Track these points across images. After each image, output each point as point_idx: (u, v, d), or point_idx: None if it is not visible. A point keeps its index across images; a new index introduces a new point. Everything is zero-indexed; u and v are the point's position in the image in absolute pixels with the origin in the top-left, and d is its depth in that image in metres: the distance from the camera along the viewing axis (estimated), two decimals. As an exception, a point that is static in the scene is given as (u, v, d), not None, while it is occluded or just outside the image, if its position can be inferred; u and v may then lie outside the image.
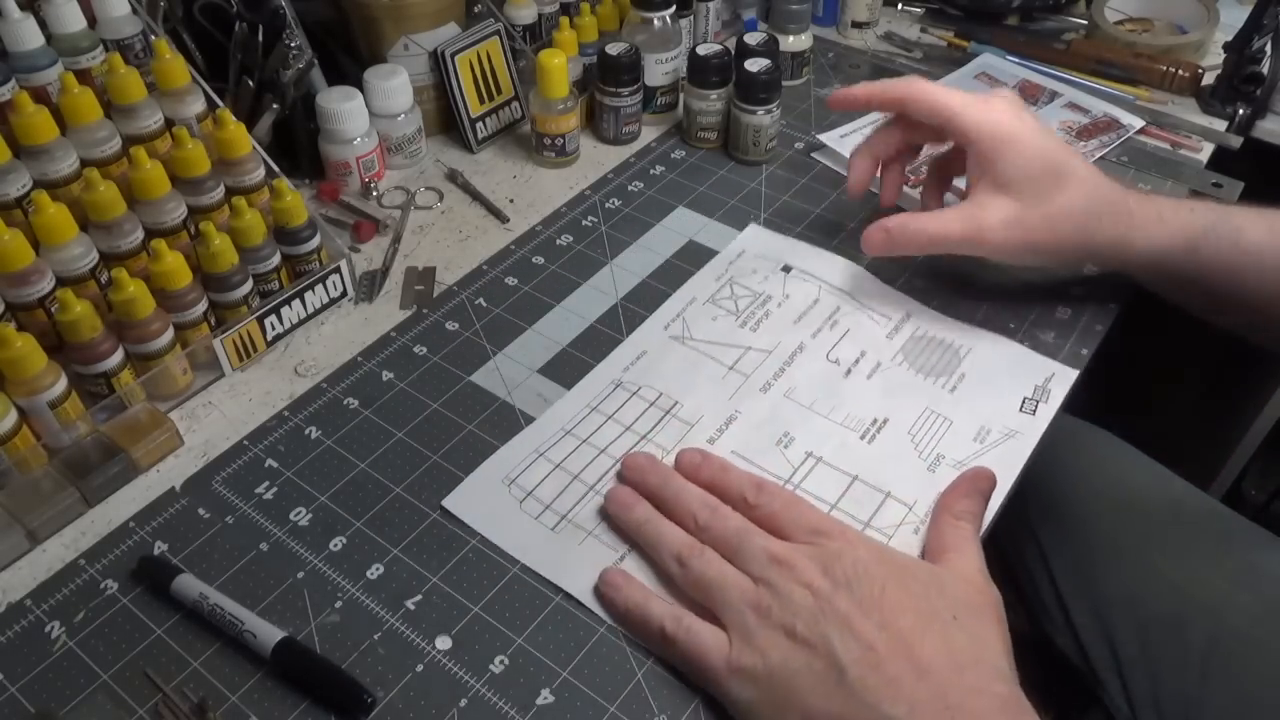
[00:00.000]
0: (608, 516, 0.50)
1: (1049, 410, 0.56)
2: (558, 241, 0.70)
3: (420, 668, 0.45)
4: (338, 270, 0.63)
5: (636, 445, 0.54)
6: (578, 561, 0.49)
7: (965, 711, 0.38)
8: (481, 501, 0.52)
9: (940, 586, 0.43)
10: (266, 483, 0.53)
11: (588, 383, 0.58)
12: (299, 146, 0.73)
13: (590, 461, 0.53)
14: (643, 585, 0.46)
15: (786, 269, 0.66)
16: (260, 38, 0.69)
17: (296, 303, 0.62)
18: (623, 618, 0.45)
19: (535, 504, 0.52)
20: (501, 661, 0.45)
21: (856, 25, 0.95)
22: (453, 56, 0.75)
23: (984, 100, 0.57)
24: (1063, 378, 0.58)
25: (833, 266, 0.66)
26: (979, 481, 0.49)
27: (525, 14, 0.82)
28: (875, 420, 0.55)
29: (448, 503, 0.52)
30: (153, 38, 0.65)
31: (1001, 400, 0.57)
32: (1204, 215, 0.56)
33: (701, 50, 0.75)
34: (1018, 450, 0.54)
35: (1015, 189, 0.55)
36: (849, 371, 0.58)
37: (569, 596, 0.48)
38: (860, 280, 0.65)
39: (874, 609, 0.40)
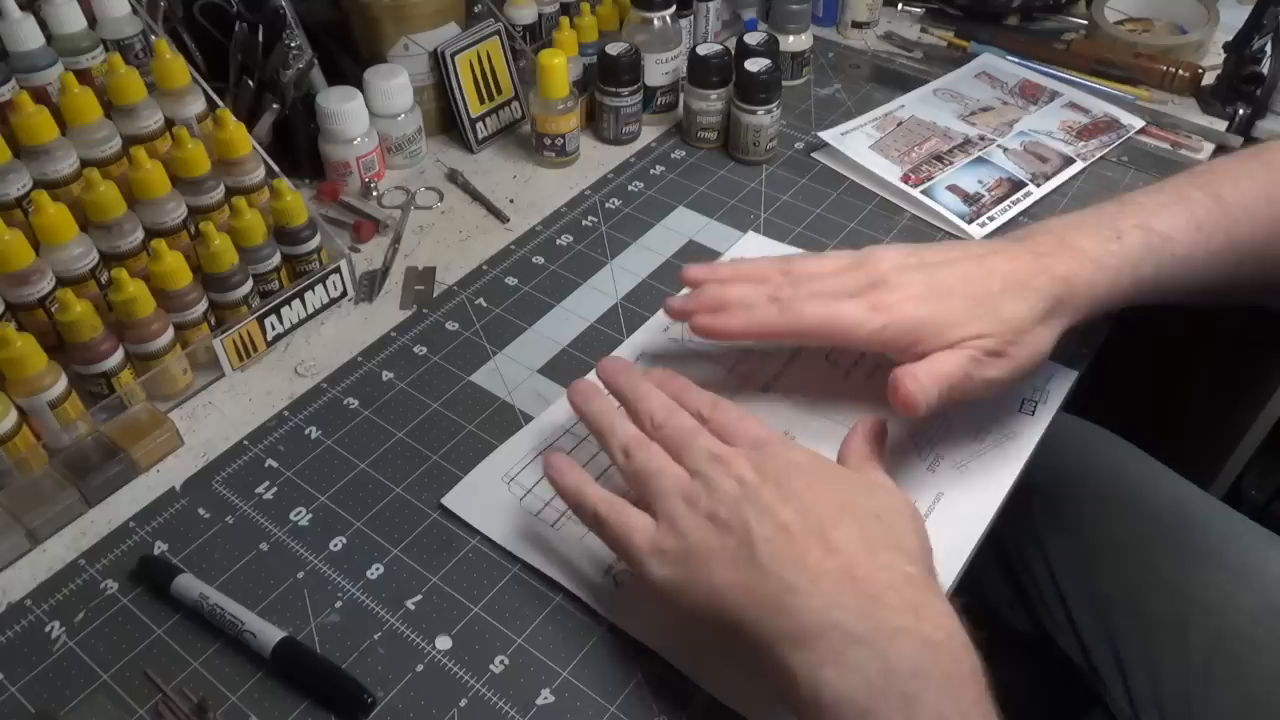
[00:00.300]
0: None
1: (1048, 411, 0.56)
2: (558, 241, 0.70)
3: (420, 668, 0.45)
4: (338, 270, 0.63)
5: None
6: (577, 558, 0.49)
7: (869, 583, 0.39)
8: (481, 499, 0.52)
9: (869, 490, 0.44)
10: (266, 483, 0.53)
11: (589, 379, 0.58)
12: (299, 146, 0.73)
13: (590, 459, 0.54)
14: (584, 472, 0.47)
15: (785, 271, 0.66)
16: (260, 38, 0.69)
17: (296, 303, 0.62)
18: (564, 495, 0.47)
19: (535, 501, 0.52)
20: (501, 661, 0.45)
21: (856, 25, 0.95)
22: (453, 56, 0.75)
23: (884, 300, 0.51)
24: (1061, 379, 0.58)
25: None
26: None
27: (525, 14, 0.82)
28: None
29: (447, 500, 0.52)
30: (153, 38, 0.65)
31: (1000, 401, 0.56)
32: (1133, 240, 0.52)
33: (701, 50, 0.75)
34: (1017, 450, 0.54)
35: (975, 331, 0.50)
36: (848, 372, 0.58)
37: (569, 596, 0.48)
38: None
39: (796, 499, 0.42)
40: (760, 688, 0.42)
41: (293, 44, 0.69)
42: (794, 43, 0.85)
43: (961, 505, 0.52)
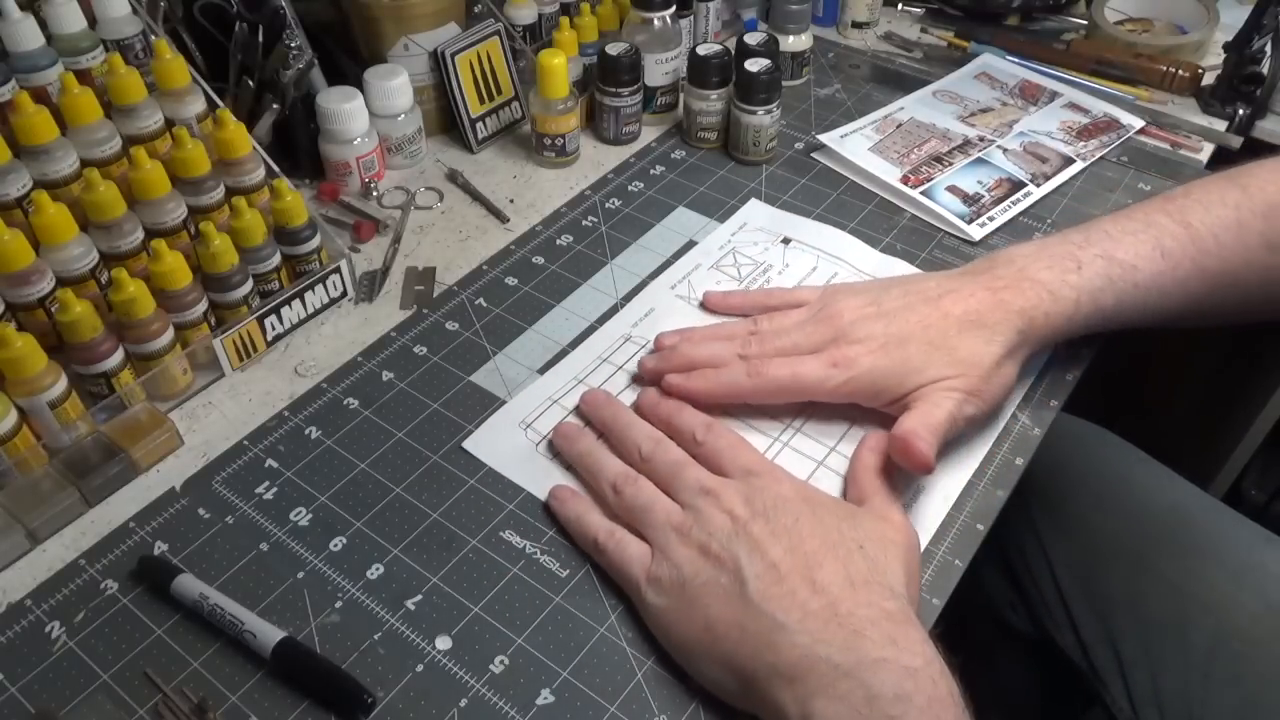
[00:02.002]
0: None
1: (1036, 366, 0.59)
2: (558, 241, 0.70)
3: (420, 668, 0.45)
4: (338, 270, 0.63)
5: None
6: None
7: (852, 618, 0.41)
8: (499, 443, 0.55)
9: (854, 521, 0.45)
10: (266, 483, 0.53)
11: (598, 338, 0.61)
12: (299, 146, 0.73)
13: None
14: (587, 500, 0.50)
15: (786, 241, 0.69)
16: (260, 38, 0.69)
17: (296, 303, 0.62)
18: (566, 526, 0.50)
19: (550, 446, 0.55)
20: (501, 661, 0.45)
21: (856, 25, 0.95)
22: (453, 56, 0.75)
23: (846, 355, 0.52)
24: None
25: (830, 237, 0.69)
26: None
27: (525, 14, 0.83)
28: None
29: (468, 444, 0.55)
30: (153, 38, 0.65)
31: None
32: (1093, 270, 0.53)
33: (701, 50, 0.75)
34: (1007, 402, 0.56)
35: (941, 374, 0.51)
36: None
37: (569, 596, 0.48)
38: (856, 249, 0.68)
39: (785, 535, 0.44)
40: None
41: (293, 44, 0.69)
42: (794, 43, 0.85)
43: (951, 451, 0.54)
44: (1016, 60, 0.89)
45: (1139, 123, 0.80)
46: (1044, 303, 0.53)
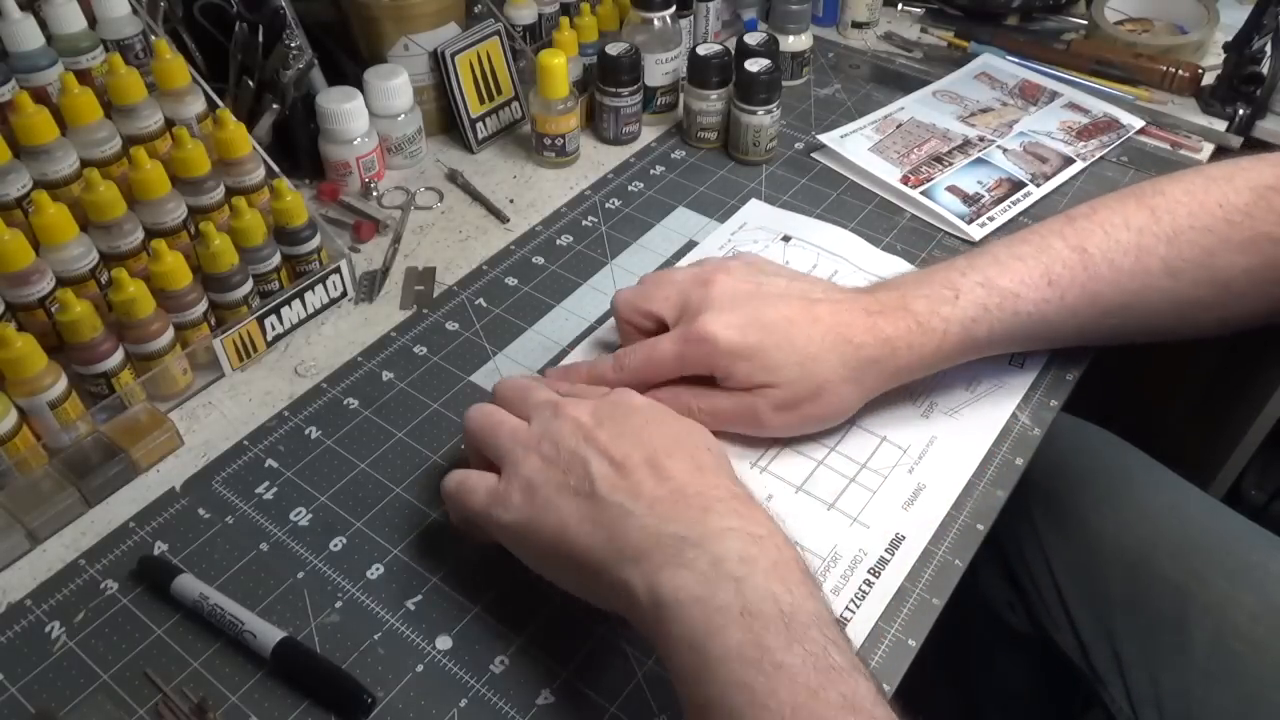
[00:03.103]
0: None
1: (1036, 364, 0.59)
2: (558, 242, 0.70)
3: (420, 668, 0.45)
4: (338, 270, 0.63)
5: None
6: None
7: (700, 497, 0.41)
8: None
9: (701, 434, 0.46)
10: (266, 483, 0.53)
11: (596, 337, 0.61)
12: (299, 146, 0.73)
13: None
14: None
15: (786, 238, 0.69)
16: (260, 38, 0.69)
17: (296, 303, 0.62)
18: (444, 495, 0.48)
19: None
20: (501, 661, 0.45)
21: (856, 25, 0.95)
22: (453, 56, 0.75)
23: (700, 328, 0.51)
24: None
25: (830, 235, 0.69)
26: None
27: (525, 14, 0.82)
28: None
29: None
30: (153, 38, 0.65)
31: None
32: (971, 299, 0.52)
33: (701, 50, 0.75)
34: (1007, 398, 0.57)
35: (774, 380, 0.51)
36: None
37: (569, 596, 0.48)
38: (857, 246, 0.68)
39: (631, 435, 0.44)
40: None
41: (293, 44, 0.69)
42: (794, 43, 0.85)
43: (953, 448, 0.54)
44: (1016, 60, 0.89)
45: (1139, 123, 0.80)
46: (911, 333, 0.51)
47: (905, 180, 0.74)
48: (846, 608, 0.47)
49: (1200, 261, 0.53)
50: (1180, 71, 0.84)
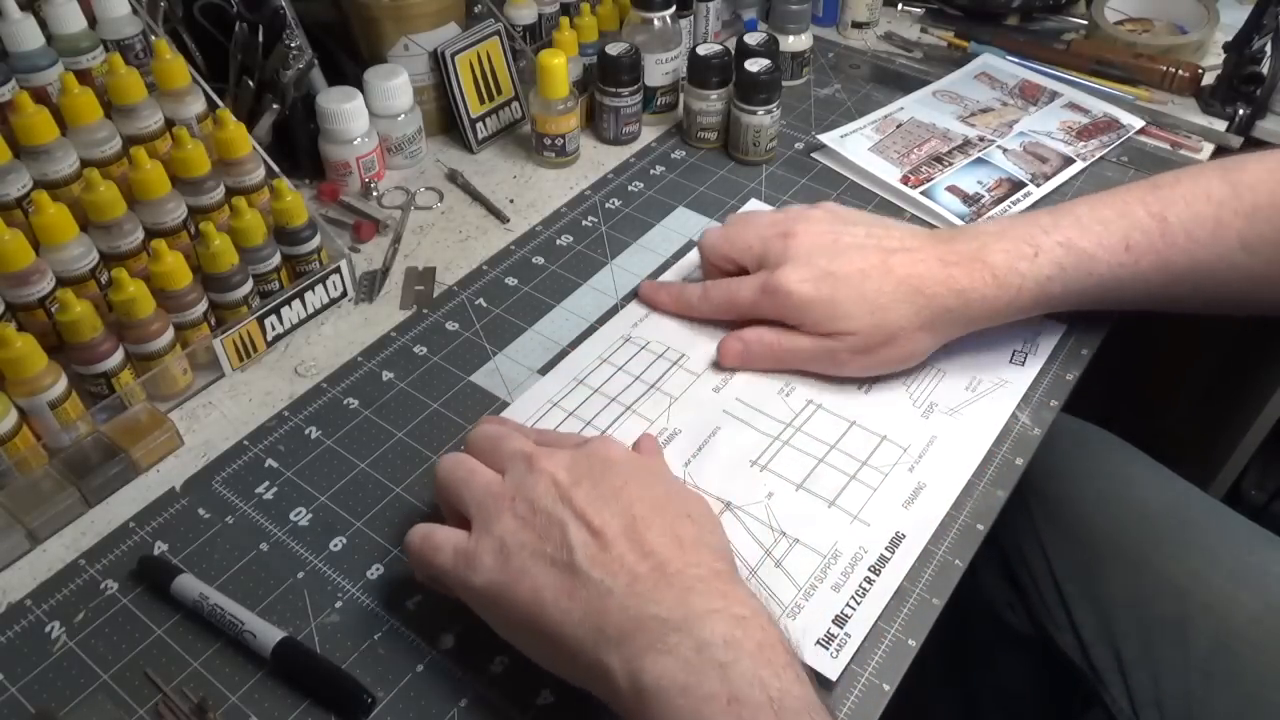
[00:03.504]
0: None
1: (1037, 361, 0.59)
2: (558, 242, 0.70)
3: (420, 668, 0.45)
4: (338, 270, 0.63)
5: (646, 394, 0.57)
6: None
7: (681, 576, 0.40)
8: None
9: (681, 493, 0.45)
10: (266, 483, 0.53)
11: (597, 339, 0.62)
12: (299, 146, 0.73)
13: (602, 409, 0.57)
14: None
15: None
16: (260, 38, 0.69)
17: (296, 303, 0.62)
18: (406, 548, 0.46)
19: None
20: (501, 661, 0.45)
21: (856, 25, 0.95)
22: (453, 56, 0.75)
23: (777, 280, 0.55)
24: (1050, 332, 0.61)
25: None
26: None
27: (525, 14, 0.83)
28: None
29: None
30: (153, 38, 0.65)
31: (992, 353, 0.60)
32: (1049, 258, 0.54)
33: (701, 50, 0.75)
34: (1009, 397, 0.57)
35: (849, 329, 0.55)
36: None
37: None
38: None
39: (611, 499, 0.42)
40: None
41: (293, 44, 0.69)
42: (794, 43, 0.85)
43: (954, 448, 0.54)
44: (1016, 60, 0.89)
45: (1139, 123, 0.80)
46: (986, 286, 0.54)
47: (905, 180, 0.74)
48: (847, 604, 0.47)
49: (1276, 240, 0.54)
50: (1180, 71, 0.84)
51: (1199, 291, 0.56)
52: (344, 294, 0.65)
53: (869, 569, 0.48)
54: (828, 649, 0.45)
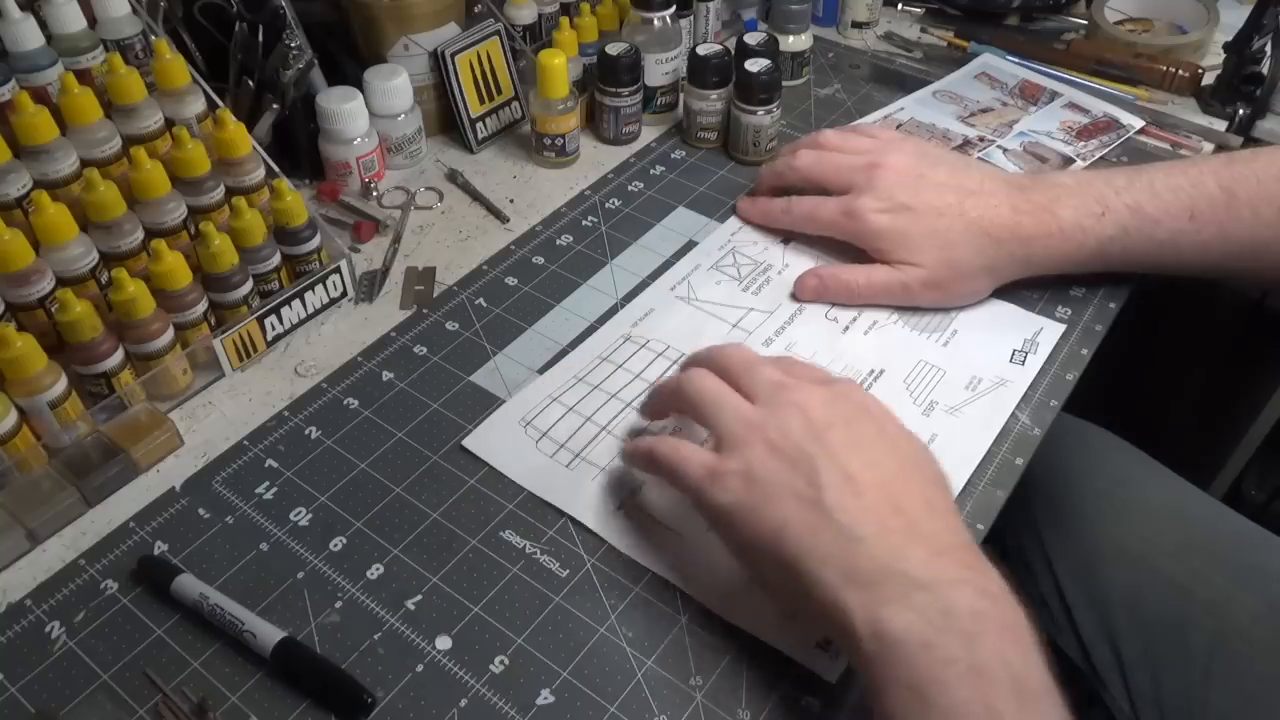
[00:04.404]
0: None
1: (1037, 361, 0.60)
2: (558, 241, 0.70)
3: (420, 668, 0.45)
4: (338, 270, 0.63)
5: (646, 392, 0.57)
6: (590, 495, 0.52)
7: (935, 539, 0.40)
8: (499, 441, 0.55)
9: (930, 464, 0.45)
10: (266, 483, 0.53)
11: (598, 338, 0.62)
12: (299, 146, 0.73)
13: (602, 405, 0.57)
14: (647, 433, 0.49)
15: (785, 240, 0.69)
16: (260, 38, 0.69)
17: (296, 303, 0.61)
18: (625, 459, 0.51)
19: (550, 443, 0.55)
20: (501, 661, 0.45)
21: (856, 25, 0.95)
22: (453, 56, 0.75)
23: (857, 207, 0.61)
24: (1050, 331, 0.61)
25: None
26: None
27: (525, 14, 0.82)
28: (872, 371, 0.59)
29: (468, 442, 0.55)
30: (153, 38, 0.65)
31: (992, 351, 0.60)
32: (1115, 219, 0.58)
33: (701, 50, 0.75)
34: (1009, 396, 0.57)
35: (918, 261, 0.60)
36: (847, 328, 0.62)
37: (569, 596, 0.48)
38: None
39: (865, 448, 0.42)
40: (794, 622, 0.43)
41: (293, 44, 0.69)
42: (794, 43, 0.85)
43: (955, 446, 0.54)
44: (1016, 60, 0.89)
45: (1139, 123, 0.80)
46: (1050, 237, 0.58)
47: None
48: None
49: None
50: (1180, 71, 0.84)
51: (1255, 265, 0.58)
52: (344, 294, 0.65)
53: None
54: (826, 650, 0.45)
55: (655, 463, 0.46)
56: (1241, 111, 0.80)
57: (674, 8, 0.79)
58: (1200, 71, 0.84)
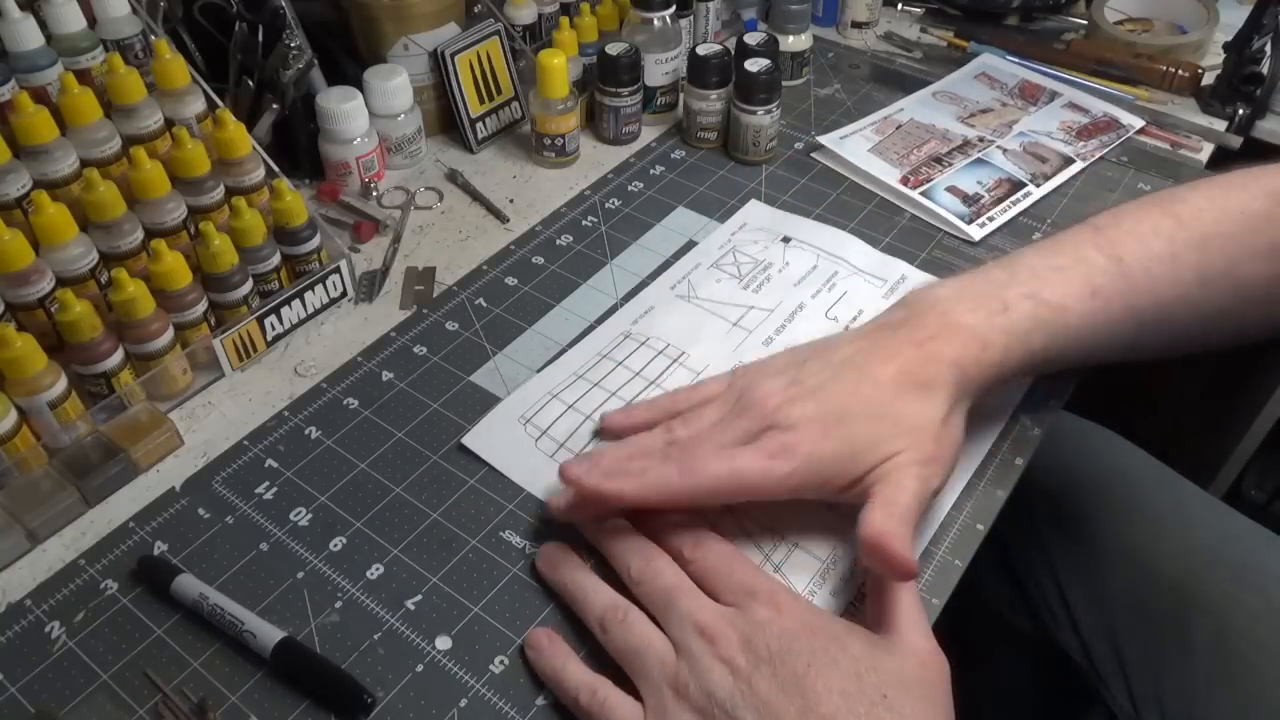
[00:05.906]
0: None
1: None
2: (558, 241, 0.70)
3: (420, 668, 0.45)
4: (338, 270, 0.63)
5: (646, 390, 0.57)
6: None
7: None
8: (498, 438, 0.55)
9: (874, 661, 0.40)
10: (266, 483, 0.53)
11: (597, 334, 0.62)
12: (299, 146, 0.73)
13: (602, 403, 0.56)
14: (565, 649, 0.45)
15: (786, 239, 0.69)
16: (260, 38, 0.69)
17: (296, 303, 0.61)
18: (545, 681, 0.44)
19: (550, 442, 0.54)
20: (501, 661, 0.45)
21: (856, 25, 0.95)
22: (453, 56, 0.75)
23: (768, 458, 0.46)
24: None
25: (830, 236, 0.69)
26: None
27: (525, 14, 0.82)
28: None
29: (466, 440, 0.54)
30: (153, 38, 0.65)
31: None
32: (1020, 313, 0.49)
33: (701, 50, 0.75)
34: (1006, 399, 0.56)
35: (891, 451, 0.46)
36: (847, 327, 0.61)
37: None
38: (856, 247, 0.68)
39: (795, 691, 0.39)
40: None
41: (293, 44, 0.69)
42: (794, 43, 0.85)
43: None
44: (1016, 60, 0.89)
45: (1139, 123, 0.80)
46: (973, 350, 0.48)
47: (905, 181, 0.74)
48: (846, 610, 0.47)
49: (1227, 270, 0.51)
50: (1180, 71, 0.84)
51: (1160, 333, 0.52)
52: (344, 294, 0.65)
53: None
54: None
55: (584, 715, 0.42)
56: (1241, 111, 0.80)
57: (674, 8, 0.79)
58: (1200, 71, 0.84)
